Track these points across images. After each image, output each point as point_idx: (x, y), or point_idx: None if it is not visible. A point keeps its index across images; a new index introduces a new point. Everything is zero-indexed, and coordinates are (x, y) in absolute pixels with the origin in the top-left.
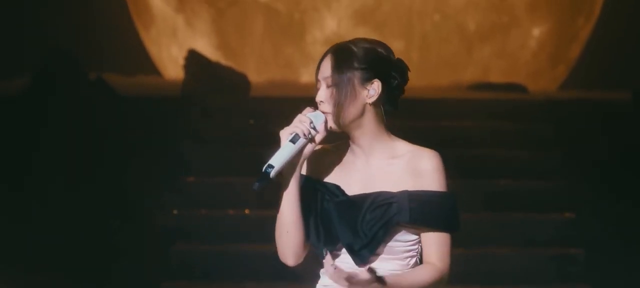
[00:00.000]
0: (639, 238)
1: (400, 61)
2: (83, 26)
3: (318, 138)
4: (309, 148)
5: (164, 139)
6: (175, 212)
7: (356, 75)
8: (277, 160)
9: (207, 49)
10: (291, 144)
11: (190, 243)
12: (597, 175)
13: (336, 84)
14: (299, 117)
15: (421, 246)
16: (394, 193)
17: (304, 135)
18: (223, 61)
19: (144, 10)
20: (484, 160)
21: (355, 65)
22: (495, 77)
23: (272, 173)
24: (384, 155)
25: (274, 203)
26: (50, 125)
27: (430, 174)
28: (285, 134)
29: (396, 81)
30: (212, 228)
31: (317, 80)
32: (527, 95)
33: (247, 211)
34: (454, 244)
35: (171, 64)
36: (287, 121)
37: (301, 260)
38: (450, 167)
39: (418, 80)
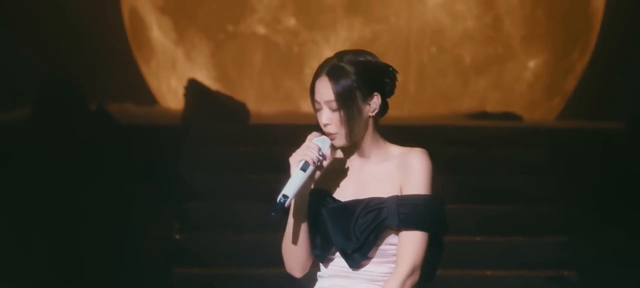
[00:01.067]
0: (631, 261)
1: (387, 66)
2: (84, 57)
3: (326, 163)
4: (317, 173)
5: (165, 165)
6: (177, 236)
7: (358, 95)
8: (290, 189)
9: (206, 81)
10: (302, 171)
11: (191, 266)
12: (590, 201)
13: (342, 107)
14: (307, 144)
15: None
16: (385, 198)
17: (313, 162)
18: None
19: (145, 43)
20: (480, 185)
21: (355, 84)
22: (492, 109)
23: (287, 202)
24: (379, 159)
25: (272, 228)
26: (52, 152)
27: (418, 171)
28: (294, 162)
29: (389, 87)
30: (212, 252)
31: (316, 102)
32: (522, 123)
33: (245, 235)
34: (450, 267)
35: (170, 96)
36: (289, 147)
37: (307, 271)
38: (447, 192)
39: (415, 111)
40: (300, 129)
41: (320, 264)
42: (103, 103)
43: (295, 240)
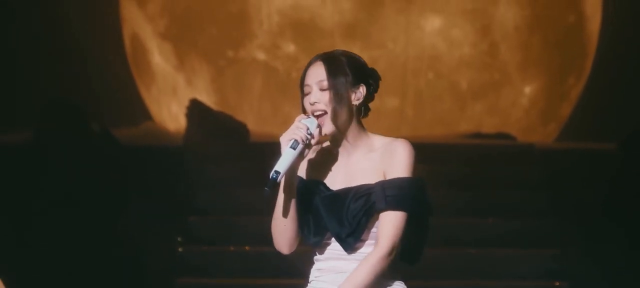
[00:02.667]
0: (620, 273)
1: (374, 70)
2: (86, 81)
3: (313, 141)
4: (306, 151)
5: (167, 183)
6: (180, 249)
7: (347, 80)
8: (282, 165)
9: None
10: (292, 150)
11: (193, 278)
12: (582, 216)
13: (332, 87)
14: (296, 124)
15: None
16: (372, 185)
17: (302, 140)
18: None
19: (145, 69)
20: (475, 200)
21: (346, 70)
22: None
23: (279, 178)
24: (365, 150)
25: (272, 241)
26: (55, 171)
27: (401, 156)
28: (284, 141)
29: (372, 87)
30: (214, 264)
31: (306, 85)
32: (515, 142)
33: (247, 248)
34: (448, 277)
35: (171, 121)
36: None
37: (294, 249)
38: (444, 206)
39: (412, 136)
40: None
41: (317, 250)
42: (105, 125)
43: (285, 216)
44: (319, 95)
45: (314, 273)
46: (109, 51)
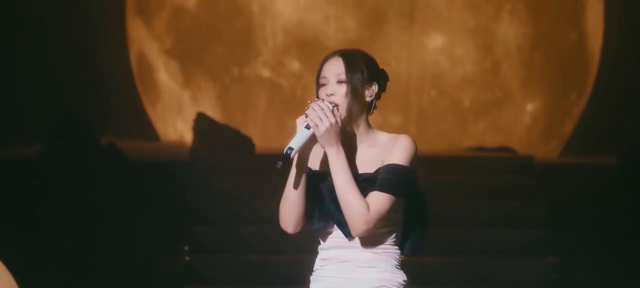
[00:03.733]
0: (617, 278)
1: (384, 70)
2: (96, 98)
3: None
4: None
5: (175, 194)
6: (187, 258)
7: (363, 77)
8: (296, 143)
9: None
10: (306, 129)
11: (200, 285)
12: (582, 226)
13: (350, 80)
14: (312, 106)
15: (403, 217)
16: (371, 173)
17: (316, 122)
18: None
19: (151, 86)
20: (475, 212)
21: (362, 68)
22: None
23: (292, 154)
24: (369, 144)
25: (276, 250)
26: (64, 184)
27: (400, 147)
28: (300, 122)
29: (383, 85)
30: (219, 272)
31: (323, 77)
32: (516, 154)
33: (251, 256)
34: (447, 284)
35: (176, 138)
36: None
37: (298, 230)
38: (446, 215)
39: None
40: None
41: (320, 239)
42: (114, 140)
43: (293, 197)
44: (335, 87)
45: (318, 262)
46: (116, 69)
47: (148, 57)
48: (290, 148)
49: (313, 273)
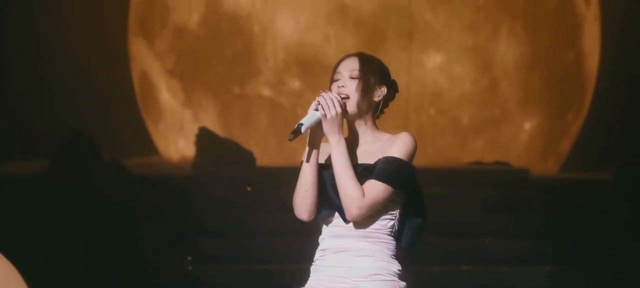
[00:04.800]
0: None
1: (395, 82)
2: (99, 116)
3: (339, 110)
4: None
5: (178, 206)
6: (190, 268)
7: (376, 77)
8: (306, 120)
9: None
10: (315, 111)
11: None
12: (578, 236)
13: (364, 77)
14: (323, 94)
15: (399, 210)
16: (371, 164)
17: (324, 106)
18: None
19: (153, 105)
20: (473, 224)
21: (375, 70)
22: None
23: (302, 129)
24: (372, 140)
25: (274, 260)
26: (70, 197)
27: (400, 142)
28: (312, 105)
29: (392, 93)
30: (221, 282)
31: (338, 72)
32: (513, 168)
33: (252, 266)
34: None
35: (178, 156)
36: (291, 188)
37: (312, 217)
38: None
39: None
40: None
41: (322, 227)
42: (117, 157)
43: (307, 186)
44: (348, 82)
45: (318, 253)
46: (118, 87)
47: (150, 76)
48: (300, 124)
49: (313, 263)
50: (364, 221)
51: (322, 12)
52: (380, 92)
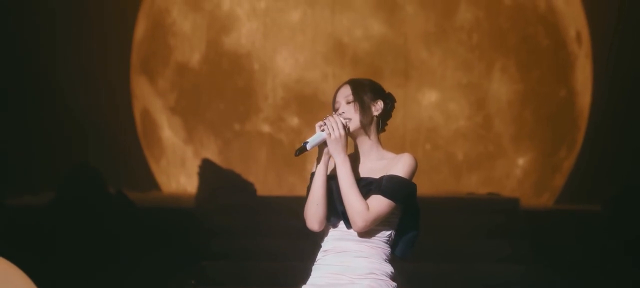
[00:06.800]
0: None
1: (390, 93)
2: (104, 150)
3: (343, 130)
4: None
5: (182, 233)
6: None
7: (369, 95)
8: (312, 139)
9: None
10: (322, 132)
11: None
12: (565, 263)
13: (358, 99)
14: (329, 117)
15: (398, 221)
16: (376, 178)
17: (330, 127)
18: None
19: (155, 142)
20: (463, 249)
21: (366, 89)
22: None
23: (308, 146)
24: (376, 157)
25: (277, 283)
26: (74, 228)
27: (403, 162)
28: (317, 126)
29: (389, 105)
30: None
31: (336, 101)
32: (502, 197)
33: None
34: None
35: (179, 191)
36: (291, 216)
37: (322, 228)
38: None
39: None
40: (302, 200)
41: (330, 229)
42: (122, 189)
43: (317, 199)
44: (346, 107)
45: (320, 253)
46: (120, 125)
47: (152, 114)
48: (306, 143)
49: (315, 262)
50: None
51: (320, 50)
52: (378, 106)
